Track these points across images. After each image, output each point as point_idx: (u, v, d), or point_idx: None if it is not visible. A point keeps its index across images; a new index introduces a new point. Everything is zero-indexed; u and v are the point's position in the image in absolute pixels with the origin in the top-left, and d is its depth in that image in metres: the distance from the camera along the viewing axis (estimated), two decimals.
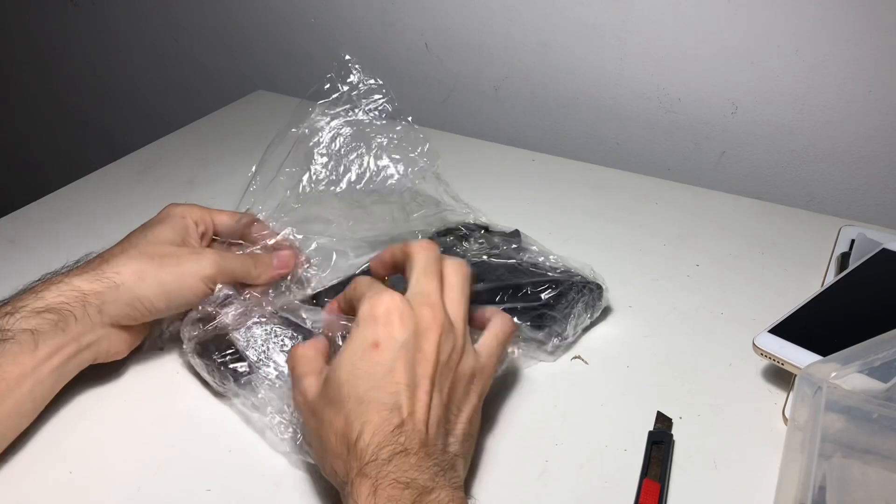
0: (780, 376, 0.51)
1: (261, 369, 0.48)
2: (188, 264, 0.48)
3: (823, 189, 0.79)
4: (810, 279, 0.60)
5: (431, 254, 0.44)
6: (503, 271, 0.54)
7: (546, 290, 0.53)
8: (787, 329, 0.49)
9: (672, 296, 0.59)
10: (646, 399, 0.49)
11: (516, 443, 0.46)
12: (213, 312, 0.49)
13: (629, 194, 0.74)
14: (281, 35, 1.07)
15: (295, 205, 0.53)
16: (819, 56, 0.73)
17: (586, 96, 0.87)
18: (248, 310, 0.50)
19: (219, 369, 0.48)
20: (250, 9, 1.08)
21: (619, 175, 0.78)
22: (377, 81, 0.55)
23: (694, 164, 0.85)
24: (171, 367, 0.53)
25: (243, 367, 0.48)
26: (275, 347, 0.49)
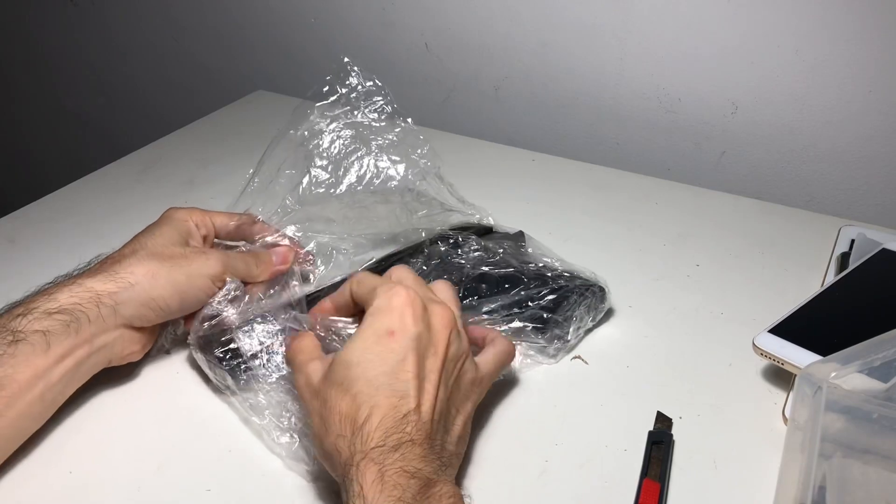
0: (780, 376, 0.51)
1: (260, 370, 0.48)
2: (198, 263, 0.49)
3: (823, 189, 0.79)
4: (810, 279, 0.60)
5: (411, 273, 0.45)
6: (504, 279, 0.54)
7: (548, 293, 0.53)
8: (787, 329, 0.49)
9: (672, 296, 0.59)
10: (646, 399, 0.49)
11: (516, 443, 0.46)
12: (220, 310, 0.50)
13: (629, 194, 0.74)
14: (281, 35, 1.07)
15: (295, 206, 0.54)
16: (819, 56, 0.73)
17: (586, 96, 0.87)
18: (251, 307, 0.50)
19: (219, 365, 0.48)
20: (250, 9, 1.08)
21: (619, 175, 0.78)
22: (376, 83, 0.55)
23: (694, 164, 0.85)
24: (172, 368, 0.53)
25: (243, 365, 0.48)
26: (275, 348, 0.49)
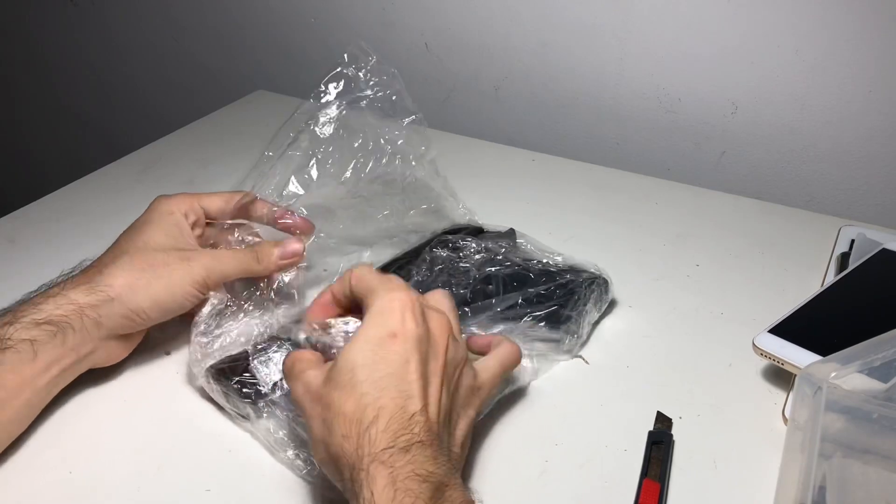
0: (780, 376, 0.51)
1: (281, 400, 0.46)
2: (178, 273, 0.48)
3: (823, 189, 0.79)
4: (810, 279, 0.60)
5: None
6: (510, 279, 0.54)
7: (557, 289, 0.53)
8: (787, 329, 0.49)
9: (672, 296, 0.59)
10: (646, 399, 0.49)
11: (516, 443, 0.46)
12: (210, 329, 0.49)
13: (629, 194, 0.74)
14: (281, 35, 1.07)
15: (299, 191, 0.53)
16: (819, 56, 0.73)
17: (586, 96, 0.87)
18: (261, 329, 0.50)
19: (239, 397, 0.47)
20: (250, 9, 1.08)
21: (619, 175, 0.78)
22: (393, 73, 0.55)
23: (694, 164, 0.85)
24: (172, 368, 0.53)
25: (263, 393, 0.47)
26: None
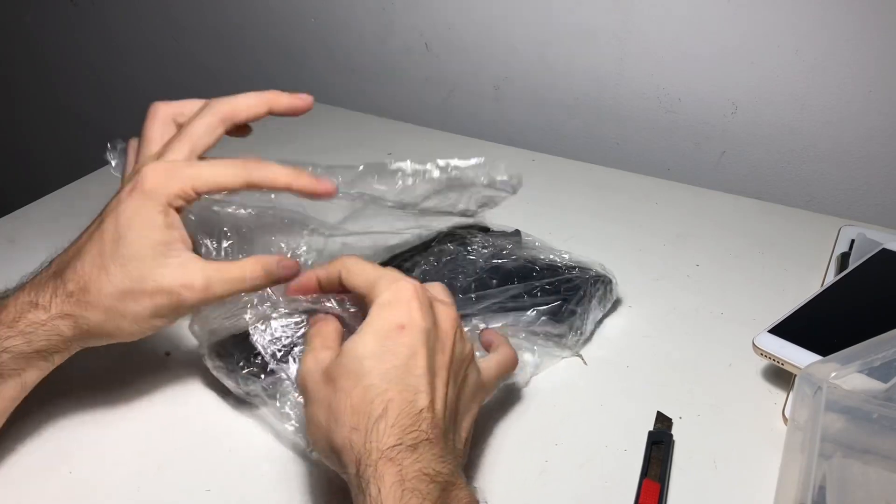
0: (780, 376, 0.51)
1: (285, 374, 0.45)
2: (168, 302, 0.42)
3: (823, 189, 0.79)
4: (810, 279, 0.60)
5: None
6: (516, 272, 0.55)
7: (563, 284, 0.53)
8: (787, 329, 0.49)
9: (672, 296, 0.59)
10: (646, 399, 0.49)
11: (516, 443, 0.46)
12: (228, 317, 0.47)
13: (629, 194, 0.74)
14: (281, 35, 1.07)
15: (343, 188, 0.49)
16: (819, 56, 0.73)
17: (586, 96, 0.87)
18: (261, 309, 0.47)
19: (241, 373, 0.46)
20: (250, 9, 1.08)
21: (619, 175, 0.78)
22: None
23: (694, 164, 0.85)
24: (171, 368, 0.53)
25: (268, 368, 0.46)
26: (300, 345, 0.46)
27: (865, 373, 0.41)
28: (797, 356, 0.47)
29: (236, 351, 0.47)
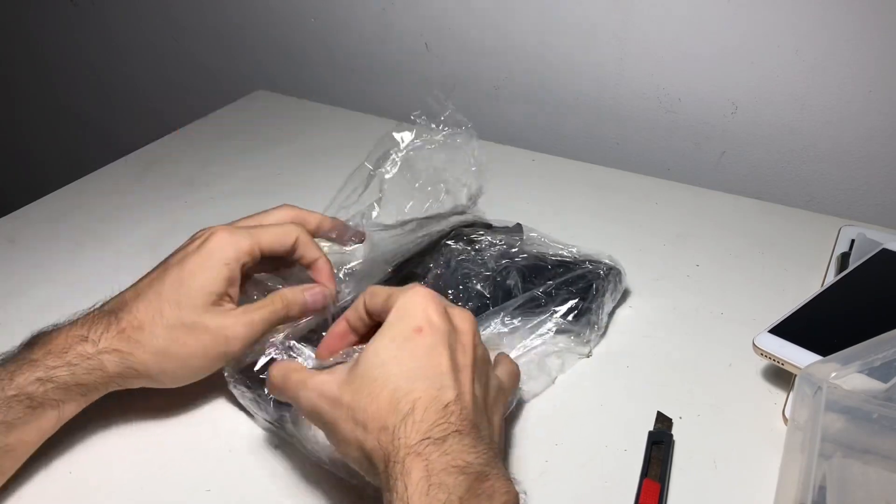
0: (780, 376, 0.51)
1: None
2: (213, 345, 0.45)
3: (823, 189, 0.79)
4: (810, 279, 0.60)
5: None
6: (529, 270, 0.55)
7: (576, 281, 0.53)
8: (787, 329, 0.49)
9: (672, 296, 0.59)
10: (646, 399, 0.49)
11: (516, 443, 0.47)
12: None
13: (629, 194, 0.74)
14: (281, 35, 1.07)
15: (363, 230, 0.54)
16: (819, 56, 0.73)
17: (586, 96, 0.87)
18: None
19: (271, 401, 0.46)
20: (250, 9, 1.08)
21: (619, 175, 0.78)
22: (465, 123, 0.57)
23: (694, 164, 0.85)
24: None
25: None
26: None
27: (865, 373, 0.41)
28: (797, 356, 0.47)
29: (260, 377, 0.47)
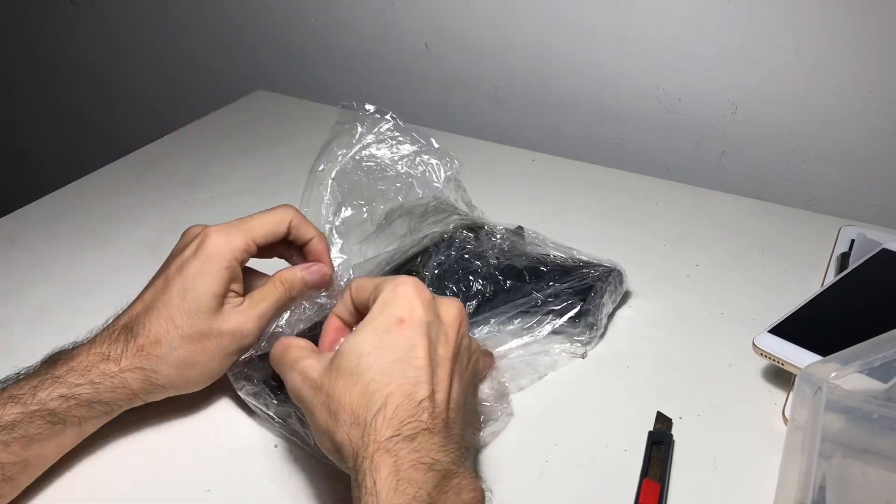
0: (780, 376, 0.51)
1: None
2: (230, 345, 0.46)
3: (823, 189, 0.79)
4: (810, 279, 0.60)
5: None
6: (529, 272, 0.55)
7: (575, 283, 0.53)
8: (787, 329, 0.49)
9: (672, 296, 0.59)
10: (646, 399, 0.49)
11: (516, 443, 0.47)
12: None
13: (629, 194, 0.74)
14: (281, 35, 1.07)
15: (339, 240, 0.54)
16: (819, 56, 0.73)
17: (586, 96, 0.87)
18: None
19: (269, 394, 0.46)
20: (250, 9, 1.08)
21: (619, 175, 0.78)
22: (381, 110, 0.57)
23: (694, 164, 0.85)
24: None
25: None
26: None
27: (865, 373, 0.41)
28: (797, 356, 0.47)
29: (261, 371, 0.47)
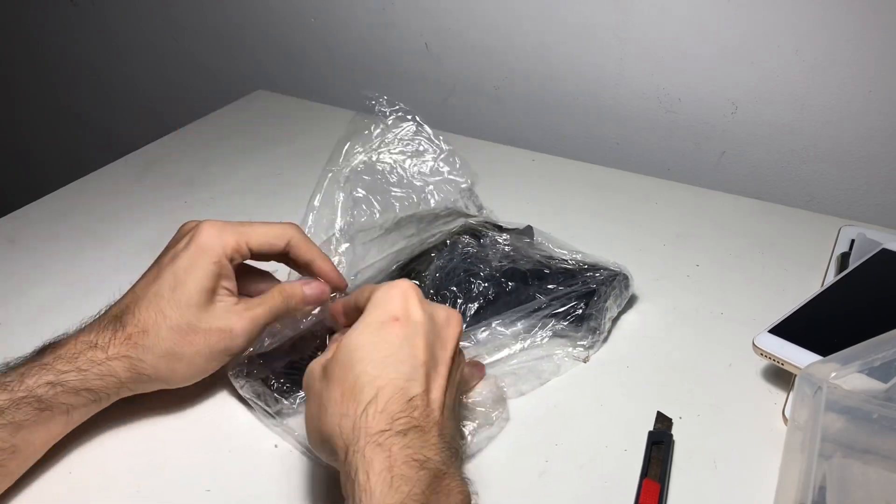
0: (780, 376, 0.51)
1: None
2: (218, 343, 0.46)
3: (823, 189, 0.79)
4: (810, 279, 0.60)
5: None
6: (532, 274, 0.55)
7: (579, 286, 0.53)
8: (787, 329, 0.49)
9: (672, 296, 0.59)
10: (646, 399, 0.49)
11: (516, 443, 0.47)
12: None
13: (629, 194, 0.74)
14: (281, 35, 1.07)
15: (345, 243, 0.54)
16: (819, 56, 0.73)
17: (586, 96, 0.87)
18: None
19: (270, 392, 0.46)
20: (250, 9, 1.08)
21: (619, 175, 0.78)
22: (402, 108, 0.57)
23: (694, 164, 0.85)
24: None
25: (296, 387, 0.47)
26: None
27: (865, 373, 0.41)
28: (797, 356, 0.47)
29: (262, 370, 0.47)
